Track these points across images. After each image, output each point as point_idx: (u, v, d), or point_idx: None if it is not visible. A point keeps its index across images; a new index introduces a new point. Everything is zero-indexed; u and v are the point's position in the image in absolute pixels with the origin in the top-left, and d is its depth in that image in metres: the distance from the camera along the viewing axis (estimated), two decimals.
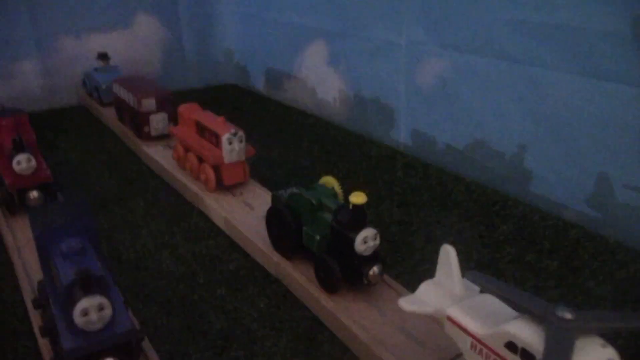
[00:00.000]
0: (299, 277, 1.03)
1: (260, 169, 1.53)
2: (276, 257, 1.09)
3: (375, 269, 0.95)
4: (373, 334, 0.89)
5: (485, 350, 0.70)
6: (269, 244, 1.12)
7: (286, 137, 1.85)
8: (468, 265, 1.08)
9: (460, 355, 0.76)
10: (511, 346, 0.66)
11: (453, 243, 0.78)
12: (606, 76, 1.21)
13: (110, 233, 1.27)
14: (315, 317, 0.99)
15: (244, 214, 1.26)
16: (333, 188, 1.06)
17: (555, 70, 1.31)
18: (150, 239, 1.24)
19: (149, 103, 1.65)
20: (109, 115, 1.94)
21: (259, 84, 2.41)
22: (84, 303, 0.73)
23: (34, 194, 1.23)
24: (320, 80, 2.05)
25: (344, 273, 0.96)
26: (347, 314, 0.94)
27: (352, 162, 1.63)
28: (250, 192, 1.36)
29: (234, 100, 2.29)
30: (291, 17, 2.12)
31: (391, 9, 1.68)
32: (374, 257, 0.96)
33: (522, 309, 0.68)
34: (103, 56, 2.09)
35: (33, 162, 1.23)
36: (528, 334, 0.65)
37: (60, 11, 2.13)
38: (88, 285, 0.75)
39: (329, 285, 0.98)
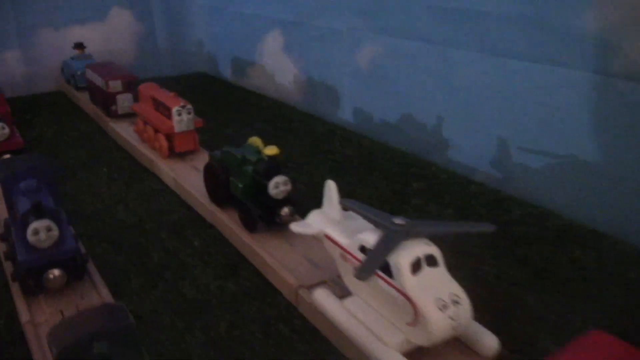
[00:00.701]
0: (228, 221, 1.22)
1: (214, 142, 1.72)
2: (212, 207, 1.29)
3: (286, 210, 1.14)
4: (281, 261, 1.08)
5: (348, 256, 0.89)
6: (207, 197, 1.31)
7: (244, 117, 2.04)
8: None
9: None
10: (363, 249, 0.86)
11: (369, 197, 0.97)
12: (505, 53, 1.40)
13: (76, 195, 1.46)
14: (239, 252, 1.18)
15: (191, 176, 1.45)
16: (258, 147, 1.24)
17: (466, 50, 1.50)
18: (109, 198, 1.43)
19: (116, 84, 1.84)
20: (83, 98, 2.14)
21: (227, 72, 2.60)
22: (35, 224, 0.92)
23: (6, 155, 1.42)
24: (278, 66, 2.24)
25: (260, 214, 1.15)
26: (263, 247, 1.13)
27: (298, 137, 1.82)
28: (199, 160, 1.55)
29: (204, 88, 2.48)
30: (252, 9, 2.31)
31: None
32: (286, 200, 1.15)
33: (375, 223, 0.87)
34: (79, 45, 2.28)
35: (6, 130, 1.42)
36: (372, 238, 0.84)
37: (41, 5, 2.32)
38: (39, 211, 0.94)
39: (249, 225, 1.18)
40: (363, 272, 0.81)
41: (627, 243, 1.15)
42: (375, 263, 0.79)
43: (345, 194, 1.04)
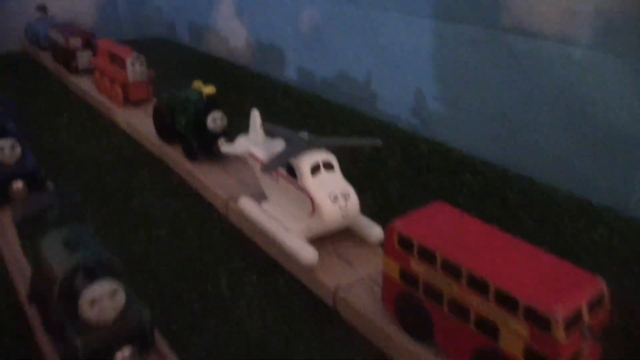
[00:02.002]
0: (173, 154, 1.41)
1: None
2: (159, 143, 1.46)
3: (222, 140, 1.32)
4: (215, 182, 1.27)
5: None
6: (156, 136, 1.49)
7: (198, 79, 2.20)
8: None
9: None
10: None
11: None
12: (419, 13, 1.59)
13: (38, 136, 1.61)
14: (181, 178, 1.36)
15: (143, 120, 1.61)
16: (200, 88, 1.42)
17: (388, 11, 1.69)
18: (68, 139, 1.60)
19: (75, 41, 1.99)
20: (46, 58, 2.27)
21: (185, 37, 2.75)
22: (0, 142, 1.07)
23: None
24: (231, 30, 2.41)
25: (200, 145, 1.34)
26: (201, 172, 1.31)
27: (245, 95, 2.00)
28: (151, 108, 1.71)
29: (161, 52, 2.62)
30: None
31: None
32: (223, 133, 1.33)
33: (285, 137, 1.06)
34: (42, 8, 2.40)
35: None
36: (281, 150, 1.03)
37: None
38: (3, 131, 1.09)
39: (190, 155, 1.36)
40: (268, 167, 1.00)
41: (508, 170, 1.38)
42: (278, 162, 0.99)
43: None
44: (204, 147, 1.33)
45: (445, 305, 0.74)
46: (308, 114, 1.77)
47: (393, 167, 1.41)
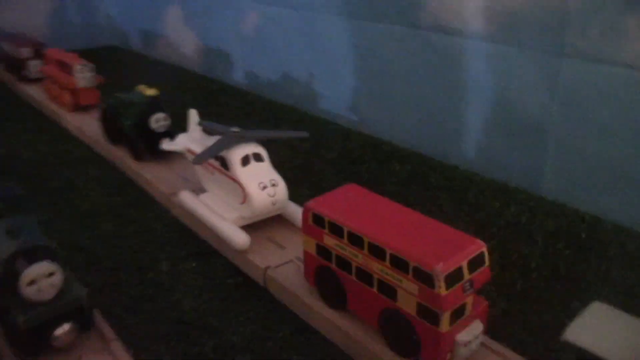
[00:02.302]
0: (120, 154, 1.47)
1: None
2: (107, 145, 1.53)
3: (167, 140, 1.39)
4: (158, 179, 1.34)
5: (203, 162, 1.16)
6: (103, 137, 1.55)
7: (149, 84, 2.26)
8: None
9: None
10: None
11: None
12: (350, 14, 1.69)
13: None
14: (127, 177, 1.43)
15: (91, 123, 1.67)
16: (143, 91, 1.48)
17: (323, 14, 1.78)
18: (17, 144, 1.64)
19: (26, 51, 2.03)
20: None
21: (137, 44, 2.80)
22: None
23: None
24: (180, 37, 2.47)
25: (145, 145, 1.41)
26: (146, 170, 1.38)
27: (194, 96, 2.07)
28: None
29: (113, 59, 2.67)
30: None
31: None
32: (166, 134, 1.41)
33: (218, 132, 1.14)
34: None
35: None
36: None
37: None
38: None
39: (136, 155, 1.43)
40: (197, 159, 1.09)
41: (433, 158, 1.49)
42: (208, 154, 1.08)
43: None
44: (148, 147, 1.41)
45: (353, 273, 0.84)
46: (251, 113, 1.86)
47: (329, 160, 1.50)
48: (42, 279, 0.76)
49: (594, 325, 0.89)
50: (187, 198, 1.19)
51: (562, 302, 0.96)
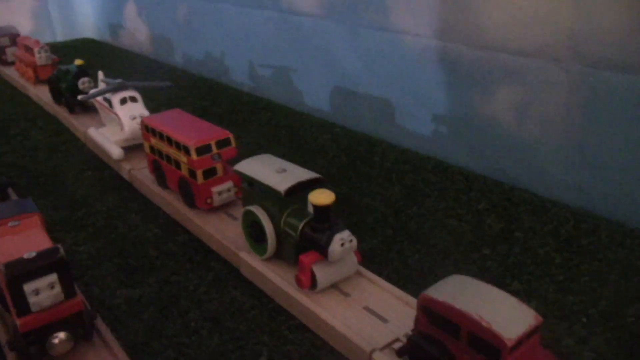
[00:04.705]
0: (60, 110, 1.99)
1: None
2: (54, 105, 2.05)
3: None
4: (80, 123, 1.84)
5: (103, 109, 1.66)
6: (52, 99, 2.07)
7: (110, 69, 2.79)
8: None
9: None
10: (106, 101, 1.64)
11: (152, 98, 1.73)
12: (255, 5, 2.18)
13: None
14: (63, 124, 1.94)
15: (45, 92, 2.19)
16: (76, 63, 1.99)
17: (235, 6, 2.28)
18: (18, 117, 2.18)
19: (4, 40, 2.58)
20: None
21: (107, 36, 3.33)
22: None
23: None
24: (135, 27, 2.99)
25: (73, 100, 1.92)
26: (76, 119, 1.89)
27: (141, 76, 2.58)
28: None
29: (90, 50, 3.20)
30: None
31: None
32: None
33: (111, 85, 1.65)
34: None
35: None
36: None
37: None
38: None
39: (68, 107, 1.94)
40: (84, 98, 1.60)
41: (291, 108, 1.98)
42: (94, 95, 1.59)
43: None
44: (78, 103, 1.92)
45: (164, 159, 1.33)
46: (179, 87, 2.36)
47: (218, 114, 2.00)
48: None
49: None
50: (92, 132, 1.70)
51: None
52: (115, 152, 1.55)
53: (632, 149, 1.25)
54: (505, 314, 0.73)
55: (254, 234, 1.09)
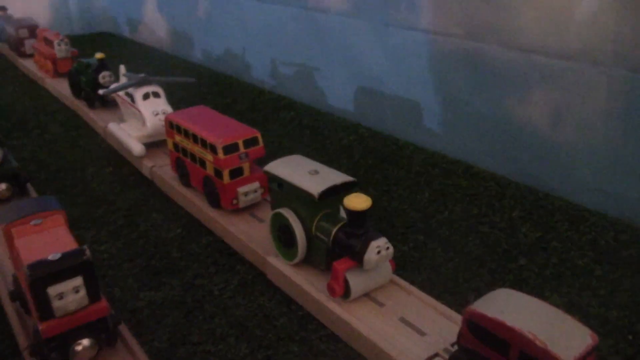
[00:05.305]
0: (81, 105, 1.96)
1: None
2: (73, 99, 2.02)
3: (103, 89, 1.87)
4: (101, 119, 1.81)
5: (125, 104, 1.63)
6: (71, 94, 2.04)
7: (129, 64, 2.76)
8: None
9: None
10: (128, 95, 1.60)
11: (182, 99, 1.69)
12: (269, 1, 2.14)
13: None
14: (84, 120, 1.91)
15: (64, 85, 2.16)
16: (97, 57, 1.96)
17: (253, 1, 2.24)
18: (10, 98, 2.15)
19: (23, 32, 2.55)
20: (4, 48, 2.83)
21: (125, 30, 3.31)
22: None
23: None
24: (155, 22, 2.96)
25: (96, 96, 1.89)
26: (96, 115, 1.86)
27: (161, 72, 2.55)
28: None
29: (104, 44, 3.18)
30: None
31: None
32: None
33: (132, 78, 1.61)
34: (2, 8, 2.96)
35: None
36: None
37: None
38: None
39: (89, 103, 1.91)
40: (105, 92, 1.56)
41: (313, 109, 1.94)
42: (116, 89, 1.55)
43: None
44: (98, 98, 1.88)
45: (189, 157, 1.29)
46: (199, 84, 2.32)
47: (239, 112, 1.96)
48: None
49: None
50: (112, 126, 1.66)
51: None
52: (137, 148, 1.51)
53: None
54: (560, 333, 0.68)
55: (283, 238, 1.04)
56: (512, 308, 0.72)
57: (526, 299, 0.74)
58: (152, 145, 1.56)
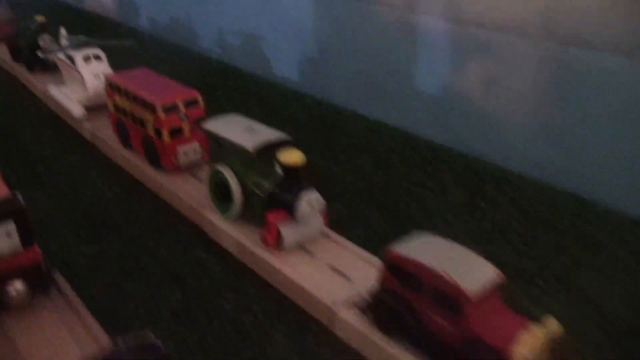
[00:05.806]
0: (19, 69, 1.92)
1: None
2: (13, 63, 1.97)
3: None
4: (40, 81, 1.78)
5: (65, 66, 1.61)
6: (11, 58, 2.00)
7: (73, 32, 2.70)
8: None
9: None
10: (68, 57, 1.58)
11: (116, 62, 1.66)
12: None
13: None
14: (22, 83, 1.88)
15: (4, 50, 2.11)
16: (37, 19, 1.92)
17: None
18: None
19: None
20: None
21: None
22: None
23: None
24: None
25: (35, 59, 1.85)
26: (35, 79, 1.83)
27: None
28: None
29: (49, 10, 3.08)
30: None
31: None
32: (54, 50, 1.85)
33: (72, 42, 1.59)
34: None
35: None
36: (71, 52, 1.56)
37: None
38: None
39: (28, 66, 1.87)
40: (46, 52, 1.54)
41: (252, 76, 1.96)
42: (55, 50, 1.53)
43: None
44: (38, 61, 1.85)
45: (129, 118, 1.30)
46: (149, 51, 2.30)
47: (185, 81, 1.96)
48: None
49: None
50: (52, 90, 1.64)
51: None
52: (77, 110, 1.50)
53: (595, 126, 1.28)
54: (468, 269, 0.74)
55: (220, 194, 1.07)
56: (426, 249, 0.77)
57: (440, 241, 0.79)
58: (94, 109, 1.55)
